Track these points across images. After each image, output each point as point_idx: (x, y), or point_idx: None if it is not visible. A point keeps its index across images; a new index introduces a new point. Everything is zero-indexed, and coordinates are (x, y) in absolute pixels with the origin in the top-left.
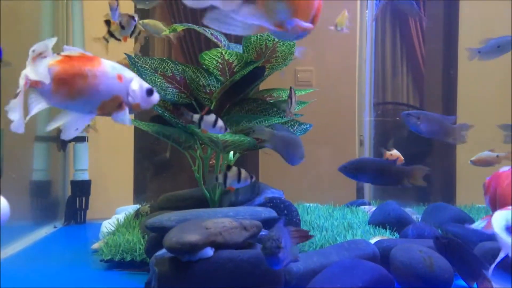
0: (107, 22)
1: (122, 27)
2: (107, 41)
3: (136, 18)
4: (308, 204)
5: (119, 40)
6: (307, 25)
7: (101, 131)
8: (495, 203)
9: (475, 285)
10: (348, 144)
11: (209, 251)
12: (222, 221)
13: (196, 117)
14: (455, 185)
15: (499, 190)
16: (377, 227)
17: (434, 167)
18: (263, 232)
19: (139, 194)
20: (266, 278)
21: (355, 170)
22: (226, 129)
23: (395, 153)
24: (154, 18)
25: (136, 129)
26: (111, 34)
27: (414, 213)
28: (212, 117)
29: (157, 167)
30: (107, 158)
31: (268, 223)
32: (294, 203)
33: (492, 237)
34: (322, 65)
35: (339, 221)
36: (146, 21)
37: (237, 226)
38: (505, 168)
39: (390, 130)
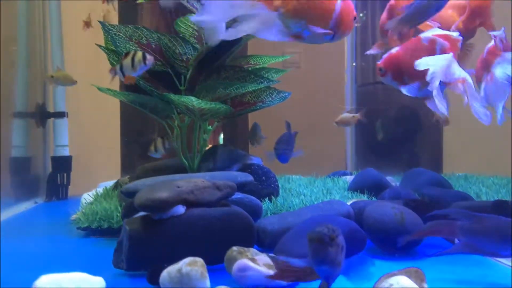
0: None
1: None
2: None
3: None
4: (291, 176)
5: None
6: (324, 31)
7: (85, 106)
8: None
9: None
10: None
11: (181, 209)
12: (195, 180)
13: None
14: (442, 158)
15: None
16: (356, 192)
17: (422, 142)
18: (239, 195)
19: (127, 169)
20: (238, 236)
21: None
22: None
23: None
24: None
25: (122, 103)
26: None
27: (394, 181)
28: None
29: (146, 142)
30: (92, 133)
31: (244, 186)
32: (277, 175)
33: (465, 197)
34: (311, 47)
35: (319, 188)
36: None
37: (210, 185)
38: None
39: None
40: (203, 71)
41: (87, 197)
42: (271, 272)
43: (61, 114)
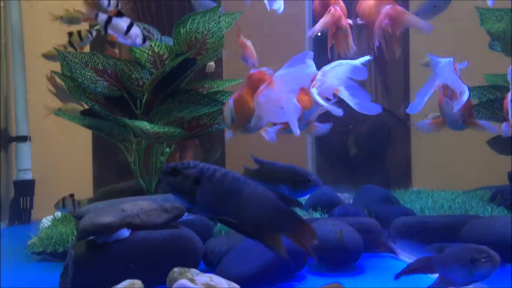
0: (69, 34)
1: (81, 38)
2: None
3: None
4: None
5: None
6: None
7: (52, 128)
8: None
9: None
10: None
11: (125, 232)
12: (140, 203)
13: (102, 17)
14: (411, 172)
15: None
16: (310, 209)
17: (392, 156)
18: (190, 216)
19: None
20: (183, 257)
21: None
22: (145, 40)
23: None
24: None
25: None
26: (71, 44)
27: (350, 197)
28: (124, 21)
29: (118, 164)
30: (59, 156)
31: None
32: None
33: (407, 213)
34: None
35: None
36: None
37: (156, 208)
38: None
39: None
40: (158, 95)
41: (45, 221)
42: None
43: (23, 138)
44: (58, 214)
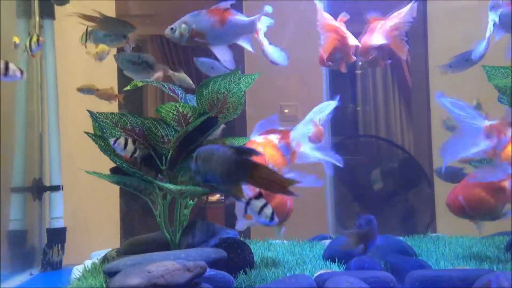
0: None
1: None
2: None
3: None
4: (273, 241)
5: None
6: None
7: (83, 178)
8: None
9: None
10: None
11: None
12: (165, 264)
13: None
14: (435, 215)
15: None
16: (328, 260)
17: (415, 196)
18: (212, 272)
19: (127, 237)
20: None
21: None
22: (273, 218)
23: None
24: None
25: None
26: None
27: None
28: (261, 201)
29: (145, 209)
30: (89, 203)
31: (217, 263)
32: (260, 241)
33: (423, 266)
34: (307, 100)
35: (296, 257)
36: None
37: (180, 268)
38: None
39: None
40: (182, 152)
41: (76, 271)
42: None
43: (56, 188)
44: (88, 265)
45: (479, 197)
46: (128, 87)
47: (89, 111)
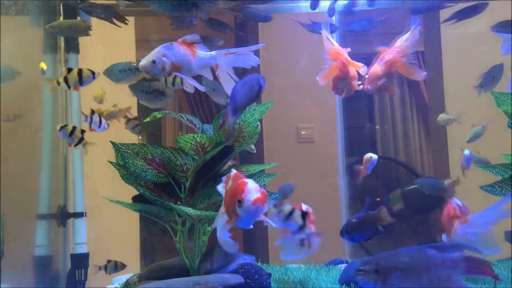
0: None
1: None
2: (58, 84)
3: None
4: (291, 266)
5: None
6: None
7: (104, 205)
8: None
9: None
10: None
11: None
12: None
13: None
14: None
15: None
16: (344, 285)
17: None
18: None
19: (147, 261)
20: None
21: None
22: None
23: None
24: None
25: None
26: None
27: None
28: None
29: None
30: (110, 227)
31: None
32: (277, 265)
33: None
34: (323, 122)
35: (311, 282)
36: None
37: None
38: None
39: None
40: (200, 180)
41: None
42: None
43: (80, 214)
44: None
45: None
46: (148, 119)
47: (112, 142)
